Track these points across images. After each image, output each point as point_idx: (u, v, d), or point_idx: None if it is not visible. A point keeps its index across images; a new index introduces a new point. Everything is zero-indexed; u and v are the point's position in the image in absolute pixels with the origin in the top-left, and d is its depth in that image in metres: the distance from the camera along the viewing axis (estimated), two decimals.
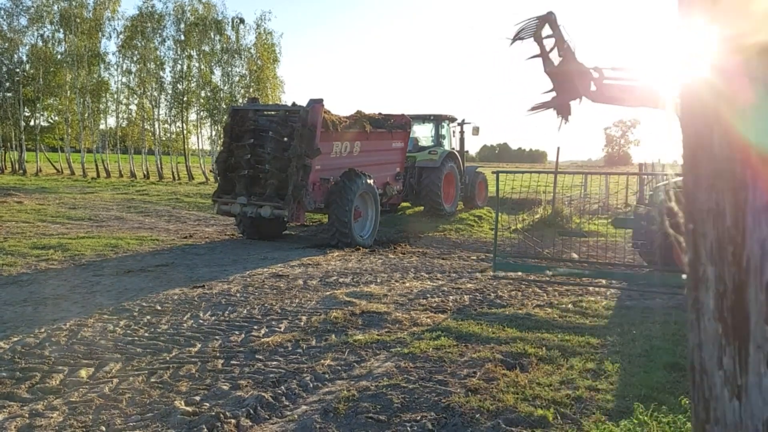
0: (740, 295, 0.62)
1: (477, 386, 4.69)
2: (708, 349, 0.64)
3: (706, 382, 0.65)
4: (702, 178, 0.63)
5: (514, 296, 8.14)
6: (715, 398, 0.64)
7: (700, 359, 0.64)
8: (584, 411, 4.26)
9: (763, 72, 0.56)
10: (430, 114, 18.64)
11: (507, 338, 5.99)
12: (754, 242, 0.61)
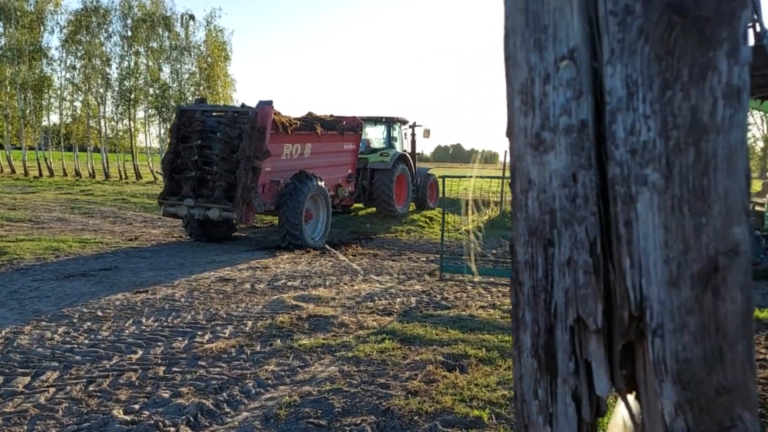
0: (550, 335, 0.73)
1: (417, 388, 4.82)
2: (527, 381, 0.74)
3: (526, 410, 0.75)
4: (520, 235, 0.73)
5: (459, 297, 8.32)
6: (532, 424, 0.75)
7: (521, 391, 0.75)
8: None
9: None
10: (381, 116, 18.78)
11: (449, 340, 6.14)
12: (560, 291, 0.72)
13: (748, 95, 0.63)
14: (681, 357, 0.66)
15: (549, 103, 0.71)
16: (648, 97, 0.65)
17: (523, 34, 0.72)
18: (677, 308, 0.66)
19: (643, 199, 0.67)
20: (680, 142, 0.65)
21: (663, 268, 0.67)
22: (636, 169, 0.67)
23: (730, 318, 0.65)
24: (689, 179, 0.65)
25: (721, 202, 0.64)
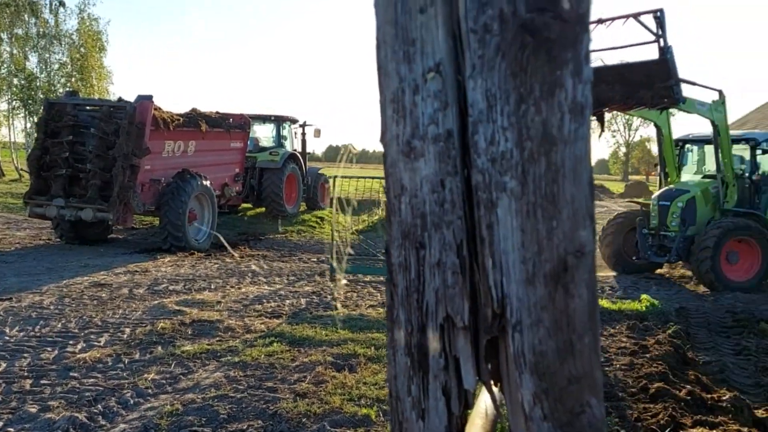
0: (422, 334, 0.77)
1: (306, 390, 4.80)
2: (401, 379, 0.78)
3: (400, 407, 0.78)
4: (394, 238, 0.77)
5: (349, 297, 8.39)
6: (406, 420, 0.78)
7: (396, 388, 0.78)
8: None
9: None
10: (270, 114, 18.49)
11: (339, 340, 6.18)
12: (431, 291, 0.76)
13: (590, 111, 0.70)
14: (537, 350, 0.72)
15: (418, 112, 0.75)
16: (505, 110, 0.71)
17: (393, 46, 0.75)
18: (533, 305, 0.72)
19: (503, 204, 0.72)
20: (533, 153, 0.70)
21: (521, 267, 0.72)
22: (496, 177, 0.72)
23: (578, 313, 0.71)
24: (542, 186, 0.71)
25: (569, 207, 0.70)
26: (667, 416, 4.27)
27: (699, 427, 3.99)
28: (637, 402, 4.77)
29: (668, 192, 10.86)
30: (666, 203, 10.65)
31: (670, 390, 4.81)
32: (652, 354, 5.93)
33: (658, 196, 10.94)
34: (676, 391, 4.80)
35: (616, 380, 5.33)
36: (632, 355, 6.07)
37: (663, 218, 10.66)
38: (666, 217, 10.61)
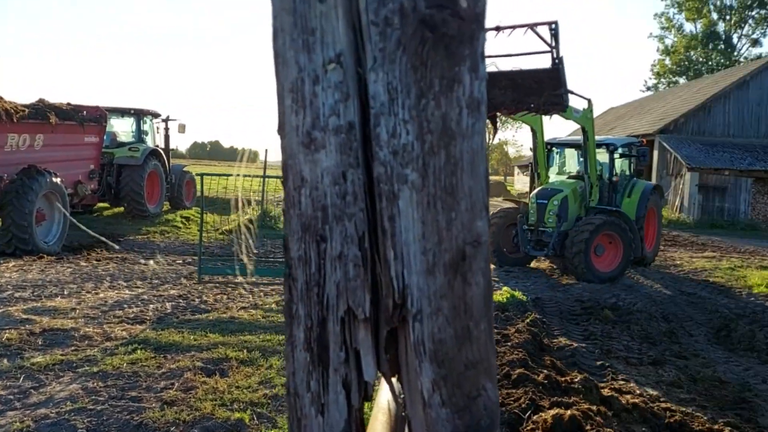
0: (323, 328, 0.76)
1: (174, 398, 4.57)
2: (300, 375, 0.76)
3: (299, 404, 0.77)
4: (294, 231, 0.75)
5: (219, 300, 8.10)
6: (305, 417, 0.77)
7: (294, 385, 0.77)
8: (280, 408, 4.47)
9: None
10: (130, 108, 17.34)
11: (209, 344, 5.95)
12: (332, 284, 0.75)
13: (485, 107, 0.73)
14: (437, 338, 0.74)
15: (319, 103, 0.74)
16: (406, 104, 0.72)
17: (291, 35, 0.73)
18: (433, 294, 0.74)
19: (404, 196, 0.73)
20: (434, 146, 0.72)
21: (421, 258, 0.74)
22: (398, 169, 0.73)
23: (475, 300, 0.74)
24: (441, 179, 0.73)
25: (467, 199, 0.73)
26: (528, 400, 4.59)
27: (555, 408, 4.33)
28: (501, 388, 5.08)
29: (544, 191, 11.78)
30: (543, 201, 11.57)
31: (529, 375, 5.17)
32: (513, 342, 6.34)
33: (536, 194, 11.83)
34: (534, 376, 5.17)
35: None
36: (496, 344, 6.45)
37: (541, 215, 11.58)
38: (544, 214, 11.54)
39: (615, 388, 5.31)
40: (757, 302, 9.78)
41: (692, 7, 54.40)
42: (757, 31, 53.57)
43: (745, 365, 6.46)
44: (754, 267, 13.46)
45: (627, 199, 12.24)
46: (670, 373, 5.91)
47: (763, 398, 5.47)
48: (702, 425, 4.56)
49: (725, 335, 7.67)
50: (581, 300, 9.32)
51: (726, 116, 28.08)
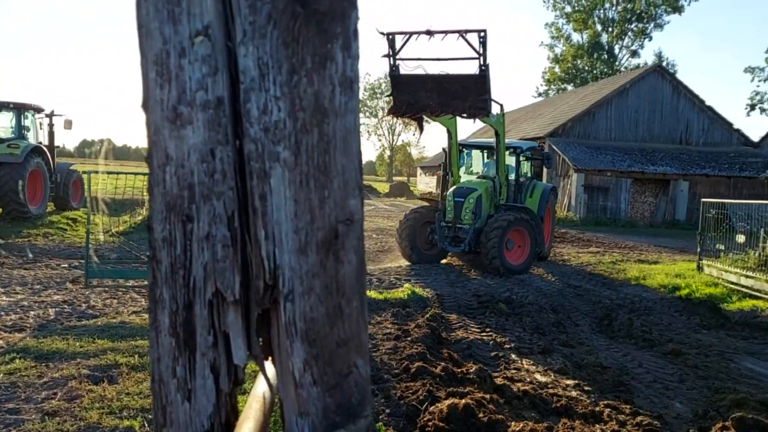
0: (189, 312, 0.73)
1: (56, 408, 4.27)
2: (165, 361, 0.73)
3: (164, 390, 0.74)
4: (158, 211, 0.71)
5: (109, 304, 7.66)
6: (170, 403, 0.74)
7: (159, 372, 0.73)
8: None
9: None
10: (9, 101, 16.00)
11: (97, 351, 5.61)
12: (199, 266, 0.72)
13: (358, 86, 0.74)
14: (308, 317, 0.73)
15: (185, 77, 0.71)
16: (278, 80, 0.71)
17: (156, 4, 0.70)
18: (305, 273, 0.73)
19: (276, 174, 0.72)
20: (306, 123, 0.71)
21: (293, 237, 0.73)
22: (269, 146, 0.71)
23: (347, 278, 0.74)
24: (314, 157, 0.72)
25: (340, 177, 0.73)
26: (425, 391, 4.69)
27: (451, 398, 4.46)
28: (400, 382, 5.16)
29: (461, 190, 12.25)
30: (460, 199, 12.05)
31: (427, 368, 5.29)
32: (413, 337, 6.47)
33: (453, 193, 12.27)
34: (432, 369, 5.30)
35: (382, 364, 5.70)
36: (396, 339, 6.55)
37: (458, 213, 12.05)
38: (461, 211, 12.01)
39: (507, 377, 5.55)
40: (634, 293, 10.59)
41: (579, 19, 58.06)
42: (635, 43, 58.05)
43: (623, 351, 6.96)
44: (632, 261, 14.56)
45: (529, 198, 13.11)
46: (558, 360, 6.26)
47: (639, 381, 5.92)
48: (585, 408, 4.86)
49: (607, 324, 8.23)
50: (478, 295, 9.66)
51: (608, 121, 30.21)
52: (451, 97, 11.06)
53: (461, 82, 11.01)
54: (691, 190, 26.78)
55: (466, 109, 11.07)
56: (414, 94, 11.23)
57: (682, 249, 17.79)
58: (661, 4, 55.06)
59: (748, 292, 10.50)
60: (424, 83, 11.18)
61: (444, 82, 11.08)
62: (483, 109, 10.98)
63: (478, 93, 10.94)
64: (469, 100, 10.97)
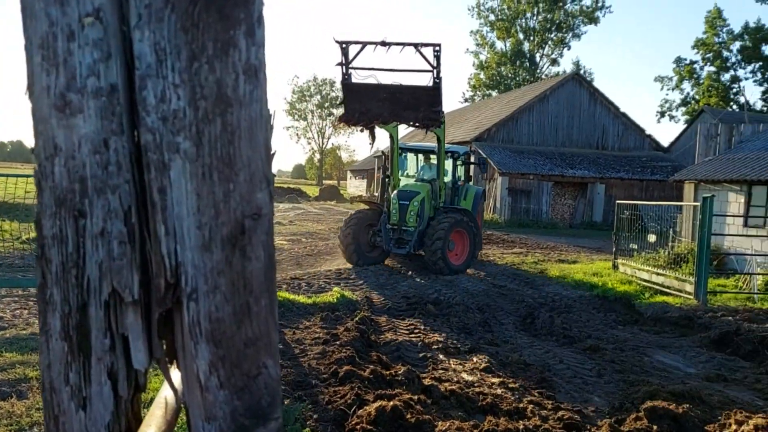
0: (83, 314, 0.68)
1: None
2: (56, 367, 0.68)
3: (56, 399, 0.68)
4: (47, 206, 0.66)
5: (18, 315, 7.20)
6: (63, 413, 0.68)
7: (50, 379, 0.68)
8: None
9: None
10: None
11: (4, 364, 5.26)
12: (93, 264, 0.67)
13: (264, 74, 0.71)
14: (214, 317, 0.70)
15: (75, 62, 0.66)
16: (177, 67, 0.67)
17: None
18: (210, 271, 0.70)
19: (176, 166, 0.68)
20: (208, 113, 0.68)
21: (196, 233, 0.69)
22: (168, 137, 0.67)
23: (255, 275, 0.71)
24: (218, 148, 0.69)
25: (246, 169, 0.70)
26: (354, 395, 4.67)
27: (379, 401, 4.46)
28: (328, 386, 5.11)
29: (404, 193, 12.54)
30: (405, 202, 12.33)
31: (356, 371, 5.27)
32: (342, 341, 6.44)
33: (397, 196, 12.52)
34: (361, 372, 5.29)
35: (310, 369, 5.64)
36: (325, 343, 6.49)
37: (403, 215, 12.32)
38: (406, 214, 12.28)
39: (435, 377, 5.61)
40: (555, 292, 10.99)
41: (502, 27, 59.91)
42: (555, 51, 60.48)
43: (545, 348, 7.20)
44: (553, 261, 15.12)
45: (464, 201, 13.62)
46: (484, 359, 6.40)
47: (560, 376, 6.13)
48: (509, 405, 4.99)
49: (530, 322, 8.49)
50: (407, 297, 9.74)
51: (530, 126, 31.32)
52: (403, 107, 11.34)
53: (413, 93, 11.32)
54: (607, 193, 28.14)
55: (419, 120, 11.39)
56: (366, 103, 11.43)
57: (598, 249, 18.65)
58: (578, 15, 57.66)
59: (659, 288, 11.12)
60: (376, 93, 11.40)
61: (396, 93, 11.35)
62: (436, 120, 11.39)
63: (431, 104, 11.31)
64: (422, 111, 11.30)
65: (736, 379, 6.24)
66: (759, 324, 8.48)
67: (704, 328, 8.30)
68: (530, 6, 58.20)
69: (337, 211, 35.09)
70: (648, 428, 4.38)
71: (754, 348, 7.12)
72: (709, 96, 45.62)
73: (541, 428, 4.41)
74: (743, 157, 15.57)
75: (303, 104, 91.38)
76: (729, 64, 45.25)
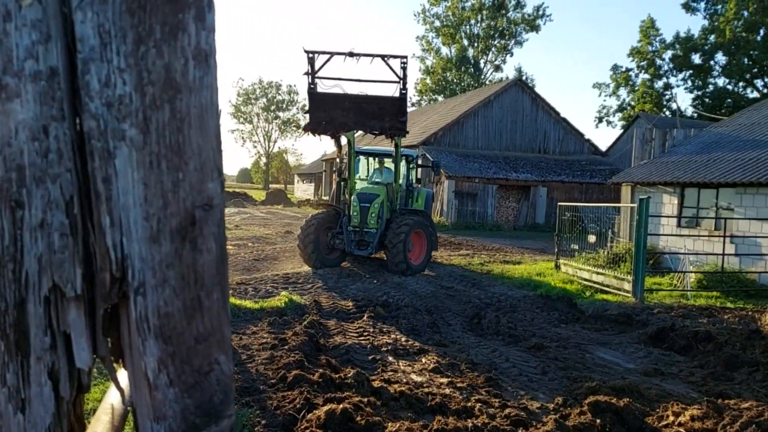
0: (21, 310, 0.64)
1: None
2: None
3: None
4: None
5: None
6: (0, 416, 0.64)
7: None
8: None
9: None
10: None
11: None
12: (32, 258, 0.64)
13: (215, 60, 0.69)
14: (163, 312, 0.67)
15: (11, 44, 0.62)
16: (122, 50, 0.64)
17: None
18: (158, 263, 0.67)
19: (122, 154, 0.65)
20: (156, 99, 0.65)
21: (144, 224, 0.66)
22: (113, 124, 0.64)
23: (206, 268, 0.69)
24: (166, 136, 0.66)
25: (196, 158, 0.68)
26: (303, 399, 4.62)
27: (329, 404, 4.43)
28: (277, 391, 5.04)
29: (365, 195, 12.72)
30: (366, 205, 12.52)
31: (305, 375, 5.22)
32: (291, 345, 6.36)
33: (358, 198, 12.69)
34: (310, 376, 5.24)
35: (258, 374, 5.54)
36: (273, 348, 6.40)
37: (364, 217, 12.48)
38: (367, 216, 12.45)
39: (385, 379, 5.62)
40: (501, 292, 11.20)
41: (447, 33, 60.82)
42: (498, 58, 61.83)
43: (492, 347, 7.32)
44: (499, 262, 15.41)
45: (416, 203, 13.99)
46: (432, 360, 6.45)
47: (506, 375, 6.25)
48: (458, 404, 5.04)
49: (476, 322, 8.62)
50: (356, 299, 9.72)
51: (475, 131, 31.89)
52: (368, 117, 11.57)
53: (379, 103, 11.61)
54: (549, 195, 28.93)
55: (385, 130, 11.69)
56: (331, 113, 11.56)
57: (541, 249, 19.13)
58: (520, 23, 59.15)
59: (599, 287, 11.50)
60: (341, 102, 11.59)
61: (362, 102, 11.59)
62: (401, 130, 11.72)
63: (397, 114, 11.57)
64: (387, 121, 11.58)
65: (671, 373, 6.51)
66: (692, 320, 8.88)
67: (642, 325, 8.63)
68: (474, 13, 59.33)
69: (285, 215, 34.71)
70: (591, 422, 4.51)
71: (688, 343, 7.45)
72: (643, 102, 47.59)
73: (489, 426, 4.48)
74: (676, 161, 16.30)
75: (248, 107, 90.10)
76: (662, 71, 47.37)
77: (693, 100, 46.93)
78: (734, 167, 13.65)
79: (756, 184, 12.46)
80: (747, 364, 6.52)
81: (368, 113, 11.67)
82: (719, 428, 4.37)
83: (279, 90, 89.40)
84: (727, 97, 44.95)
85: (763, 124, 16.25)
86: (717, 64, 45.15)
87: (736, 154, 14.52)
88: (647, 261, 11.19)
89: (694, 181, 14.07)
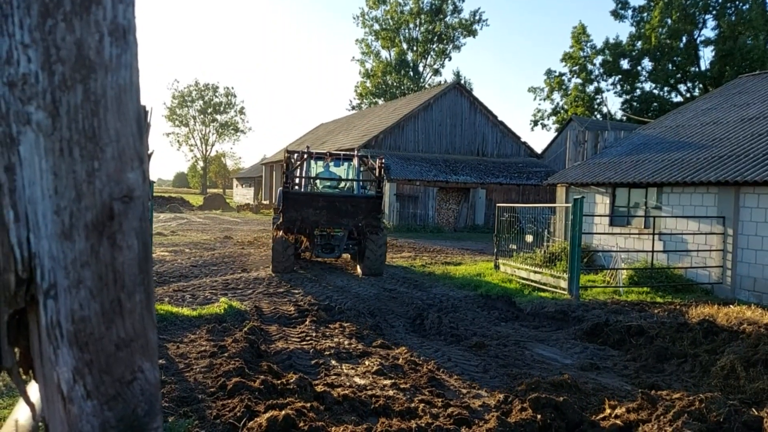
0: None
1: None
2: None
3: None
4: None
5: None
6: None
7: None
8: None
9: None
10: None
11: None
12: None
13: (135, 37, 0.63)
14: (78, 316, 0.60)
15: None
16: (27, 23, 0.57)
17: None
18: (72, 262, 0.60)
19: (28, 140, 0.58)
20: (66, 78, 0.59)
21: (54, 219, 0.59)
22: (17, 106, 0.57)
23: (127, 266, 0.62)
24: (79, 119, 0.59)
25: (114, 145, 0.61)
26: (243, 407, 4.49)
27: (270, 411, 4.32)
28: (216, 400, 4.88)
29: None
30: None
31: (246, 383, 5.08)
32: (230, 352, 6.19)
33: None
34: (251, 383, 5.10)
35: (196, 383, 5.36)
36: (212, 356, 6.21)
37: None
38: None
39: (328, 383, 5.55)
40: (443, 293, 11.30)
41: (387, 37, 61.18)
42: (437, 62, 62.65)
43: (435, 348, 7.36)
44: (440, 263, 15.57)
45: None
46: (375, 362, 6.42)
47: (449, 374, 6.29)
48: (401, 405, 5.03)
49: (419, 324, 8.66)
50: (298, 304, 9.59)
51: (416, 134, 32.18)
52: (341, 215, 11.88)
53: (353, 202, 11.89)
54: (488, 197, 29.50)
55: (358, 227, 12.04)
56: (302, 212, 11.70)
57: (481, 250, 19.47)
58: (458, 27, 60.14)
59: (536, 285, 11.79)
60: (315, 201, 11.76)
61: (336, 201, 11.78)
62: (376, 227, 11.94)
63: (372, 211, 11.84)
64: (361, 220, 11.84)
65: (607, 367, 6.73)
66: (625, 315, 9.22)
67: (578, 321, 8.89)
68: (413, 17, 59.91)
69: (224, 220, 33.95)
70: (533, 417, 4.59)
71: (621, 337, 7.72)
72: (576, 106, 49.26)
73: (433, 426, 4.48)
74: (607, 162, 16.93)
75: (184, 109, 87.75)
76: (593, 76, 49.16)
77: (622, 103, 48.95)
78: (661, 167, 14.29)
79: (681, 184, 13.08)
80: (676, 356, 6.81)
81: (342, 212, 12.03)
82: (653, 418, 4.53)
83: (216, 92, 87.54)
84: (654, 101, 47.14)
85: (687, 126, 17.09)
86: (644, 70, 47.28)
87: (662, 155, 15.21)
88: (582, 259, 11.55)
89: (624, 181, 14.64)
